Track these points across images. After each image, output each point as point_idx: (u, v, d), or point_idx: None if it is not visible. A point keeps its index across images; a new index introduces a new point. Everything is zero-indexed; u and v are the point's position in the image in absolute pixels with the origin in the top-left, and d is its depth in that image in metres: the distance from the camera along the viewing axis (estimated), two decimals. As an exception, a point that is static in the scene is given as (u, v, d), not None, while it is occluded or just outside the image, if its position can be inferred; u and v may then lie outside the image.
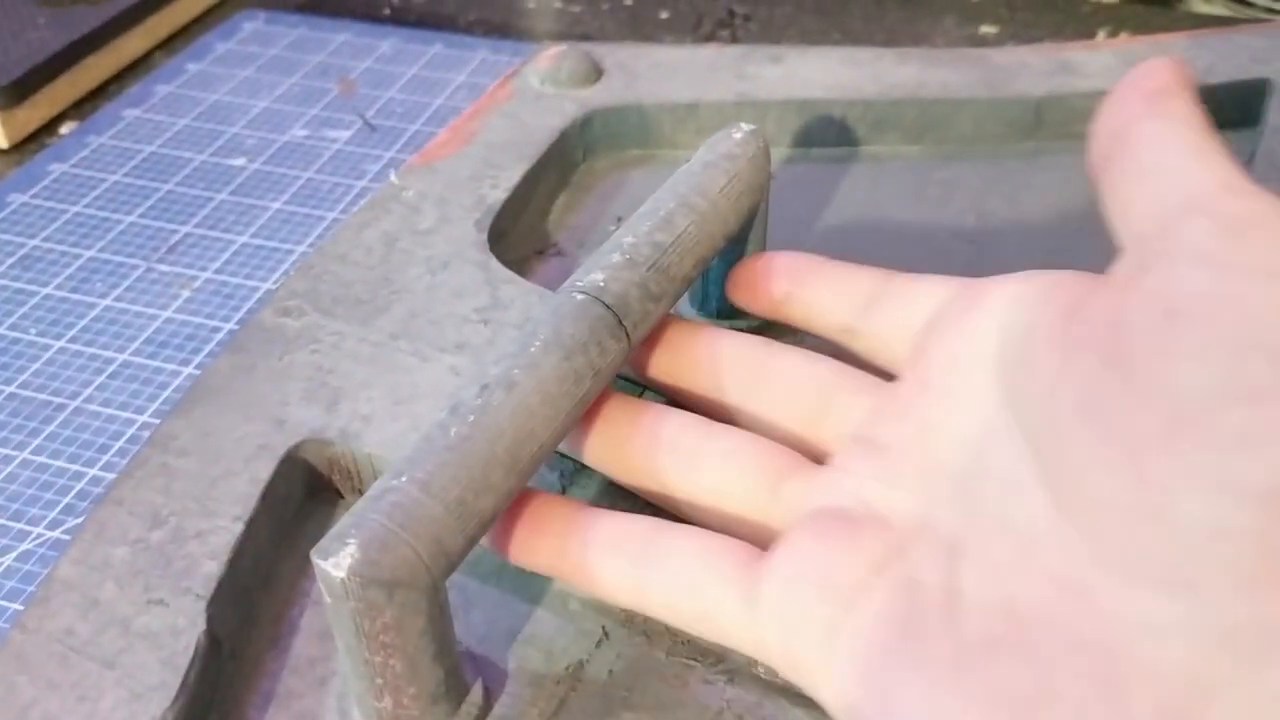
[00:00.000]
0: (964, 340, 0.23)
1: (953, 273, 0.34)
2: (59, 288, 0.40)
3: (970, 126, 0.38)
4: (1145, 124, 0.21)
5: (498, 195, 0.35)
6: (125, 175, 0.45)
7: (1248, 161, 0.36)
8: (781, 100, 0.38)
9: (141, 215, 0.43)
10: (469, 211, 0.34)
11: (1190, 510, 0.16)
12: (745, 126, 0.29)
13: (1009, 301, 0.23)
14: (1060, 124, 0.38)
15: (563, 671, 0.24)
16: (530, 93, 0.39)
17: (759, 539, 0.24)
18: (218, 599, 0.24)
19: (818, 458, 0.25)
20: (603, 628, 0.25)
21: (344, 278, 0.32)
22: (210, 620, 0.24)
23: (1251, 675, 0.16)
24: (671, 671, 0.24)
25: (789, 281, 0.28)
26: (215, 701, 0.24)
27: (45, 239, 0.42)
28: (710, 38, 0.53)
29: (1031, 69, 0.39)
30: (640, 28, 0.55)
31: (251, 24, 0.55)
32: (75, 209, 0.44)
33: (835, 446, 0.25)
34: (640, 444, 0.26)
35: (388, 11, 0.58)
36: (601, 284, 0.25)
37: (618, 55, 0.40)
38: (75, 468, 0.33)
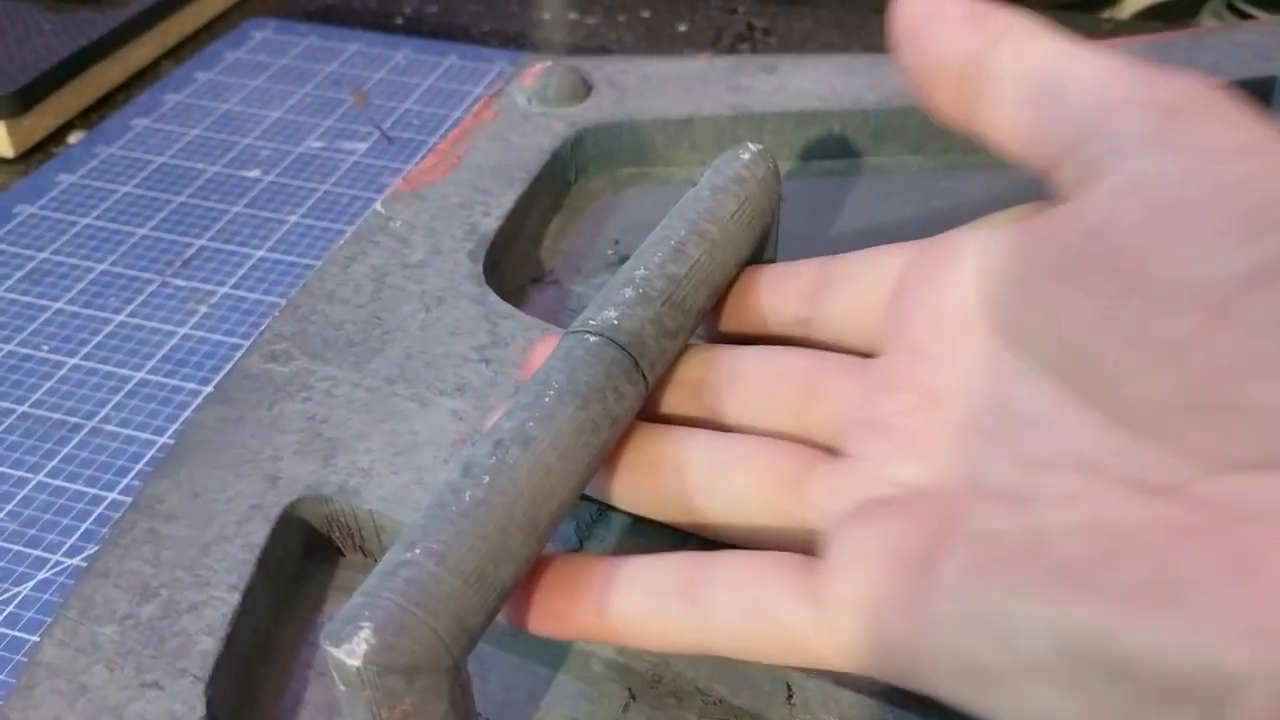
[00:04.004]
0: (941, 297, 0.22)
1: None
2: (71, 302, 0.38)
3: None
4: (998, 50, 0.21)
5: (490, 223, 0.33)
6: (136, 186, 0.44)
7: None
8: (778, 112, 0.37)
9: (154, 228, 0.41)
10: (461, 242, 0.32)
11: (1256, 393, 0.17)
12: (753, 146, 0.28)
13: (978, 247, 0.22)
14: (1066, 128, 0.37)
15: (589, 740, 0.23)
16: (517, 112, 0.37)
17: (794, 547, 0.22)
18: (216, 679, 0.23)
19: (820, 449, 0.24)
20: (628, 690, 0.24)
21: (333, 318, 0.30)
22: (209, 704, 0.22)
23: None
24: (705, 735, 0.23)
25: (731, 302, 0.27)
26: (218, 790, 0.22)
27: (55, 252, 0.40)
28: (730, 51, 0.52)
29: (1034, 72, 0.38)
30: (657, 41, 0.53)
31: (260, 32, 0.54)
32: (85, 221, 0.42)
33: (834, 434, 0.24)
34: (660, 475, 0.24)
35: (400, 21, 0.56)
36: (615, 323, 0.24)
37: (606, 70, 0.39)
38: (94, 491, 0.31)
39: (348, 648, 0.18)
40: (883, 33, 0.53)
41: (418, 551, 0.20)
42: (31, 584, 0.29)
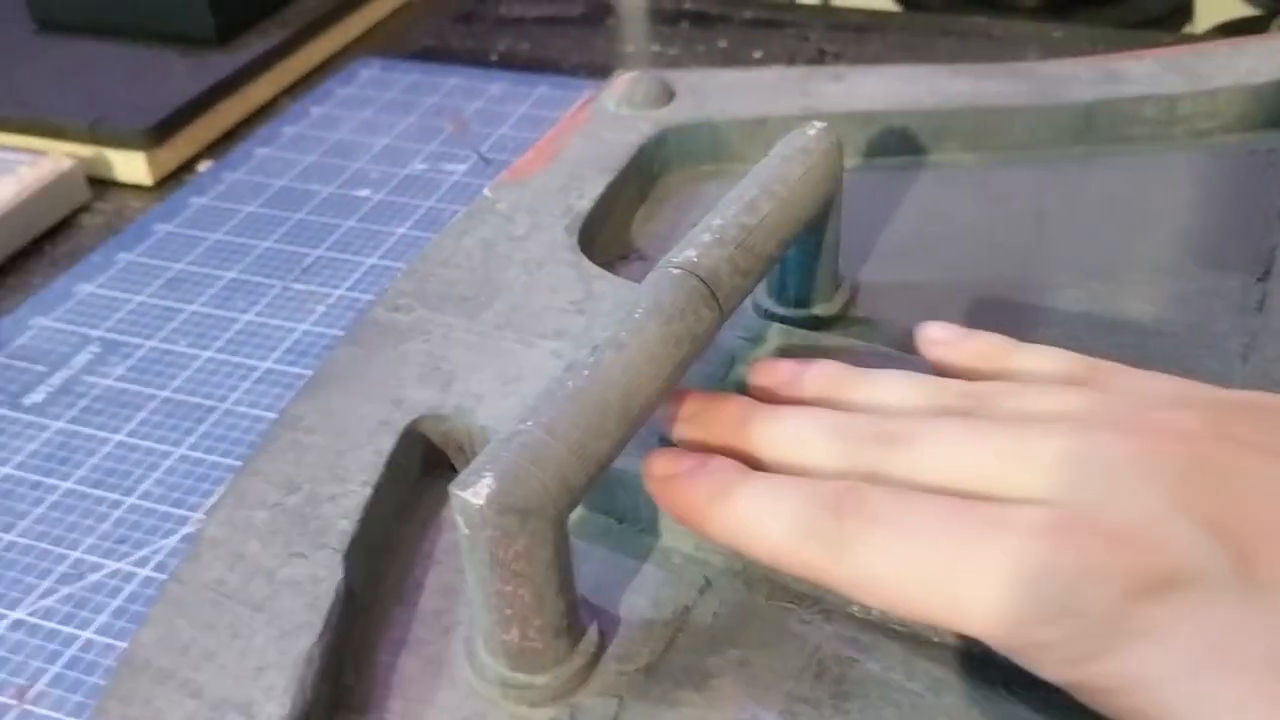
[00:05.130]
0: None
1: (1013, 267, 0.36)
2: (204, 305, 0.43)
3: (1024, 133, 0.41)
4: None
5: (584, 204, 0.37)
6: (259, 206, 0.49)
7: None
8: (845, 113, 0.40)
9: (276, 241, 0.46)
10: (558, 219, 0.36)
11: None
12: (817, 124, 0.32)
13: None
14: (1110, 128, 0.40)
15: (670, 616, 0.26)
16: (607, 115, 0.42)
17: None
18: (352, 552, 0.26)
19: None
20: (705, 578, 0.27)
21: (448, 278, 0.34)
22: (346, 570, 0.26)
23: None
24: (771, 614, 0.26)
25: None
26: (351, 646, 0.26)
27: (190, 263, 0.46)
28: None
29: (1080, 79, 0.41)
30: (735, 68, 0.58)
31: (368, 70, 0.59)
32: (215, 236, 0.47)
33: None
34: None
35: (495, 57, 0.61)
36: (695, 260, 0.28)
37: (688, 79, 0.43)
38: (228, 461, 0.36)
39: (473, 491, 0.22)
40: (948, 56, 0.57)
41: (530, 424, 0.23)
42: (177, 537, 0.33)
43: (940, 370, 0.28)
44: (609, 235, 0.38)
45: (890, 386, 0.26)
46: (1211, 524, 0.20)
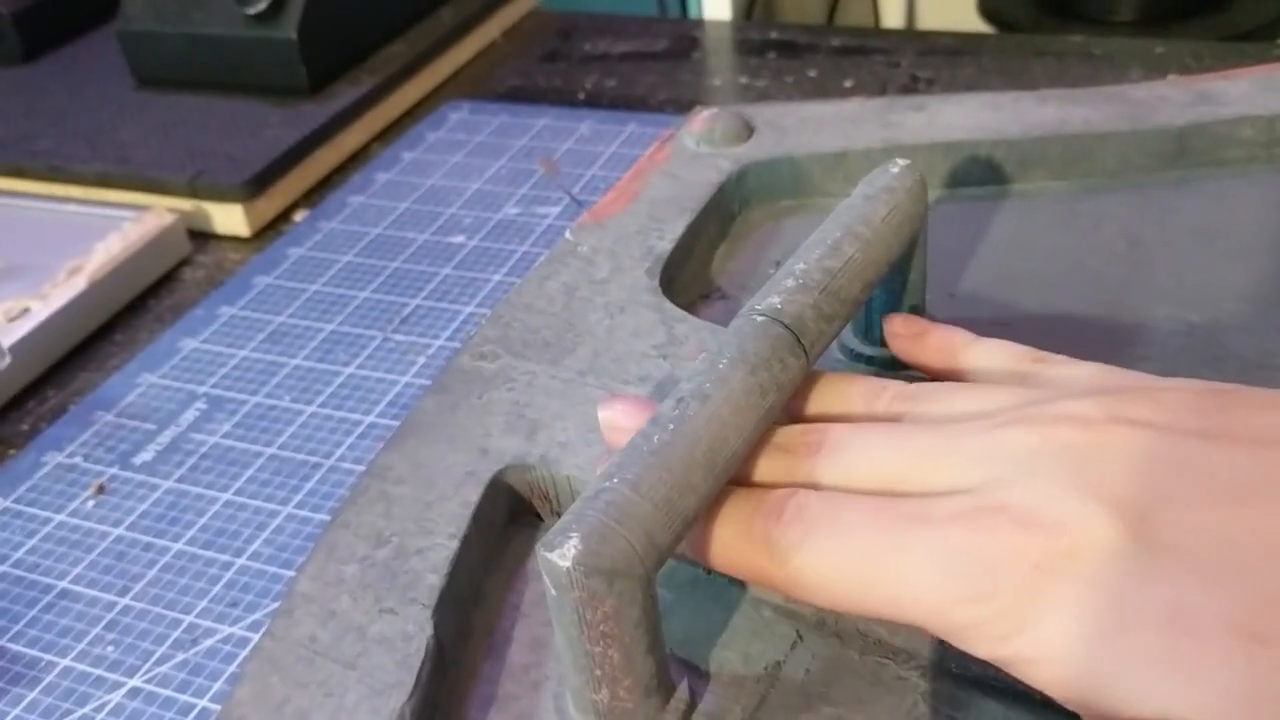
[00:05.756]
0: None
1: (1106, 298, 0.35)
2: (307, 358, 0.44)
3: (1114, 159, 0.39)
4: None
5: (664, 246, 0.37)
6: (356, 255, 0.50)
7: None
8: (927, 144, 0.40)
9: (374, 290, 0.47)
10: (639, 261, 0.36)
11: None
12: (900, 162, 0.31)
13: None
14: (1204, 151, 0.39)
15: (761, 671, 0.26)
16: (686, 153, 0.41)
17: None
18: (441, 607, 0.26)
19: None
20: (796, 631, 0.27)
21: (531, 324, 0.34)
22: (436, 626, 0.26)
23: None
24: (866, 669, 0.26)
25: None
26: (440, 702, 0.26)
27: (290, 315, 0.46)
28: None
29: (1171, 101, 0.40)
30: (826, 98, 0.57)
31: (457, 114, 0.60)
32: (314, 287, 0.48)
33: None
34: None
35: (582, 96, 0.62)
36: (779, 306, 0.27)
37: (767, 114, 0.43)
38: None
39: (559, 552, 0.22)
40: (1045, 78, 0.56)
41: (615, 481, 0.23)
42: (236, 682, 0.33)
43: (904, 361, 0.31)
44: (690, 275, 0.38)
45: (834, 392, 0.28)
46: (1105, 499, 0.21)
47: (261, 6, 0.58)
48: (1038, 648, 0.21)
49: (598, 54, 0.65)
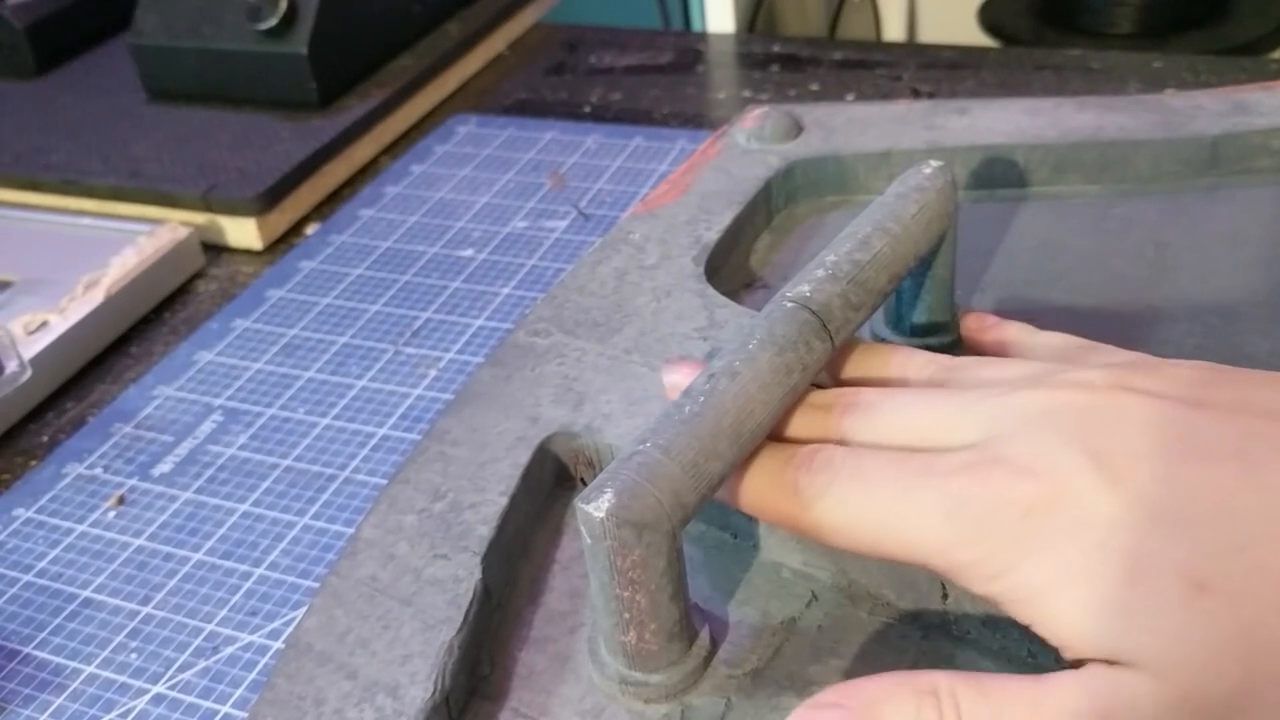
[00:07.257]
0: None
1: (1130, 299, 0.37)
2: (320, 371, 0.45)
3: (1148, 166, 0.41)
4: None
5: (711, 236, 0.39)
6: (367, 269, 0.50)
7: None
8: (967, 146, 0.42)
9: (385, 304, 0.48)
10: (687, 250, 0.39)
11: None
12: (933, 163, 0.33)
13: None
14: (1237, 160, 0.41)
15: (777, 625, 0.28)
16: (737, 149, 0.44)
17: None
18: (489, 556, 0.29)
19: None
20: (811, 591, 0.29)
21: (583, 305, 0.37)
22: (484, 572, 0.29)
23: None
24: (872, 627, 0.28)
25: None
26: (486, 640, 0.29)
27: (303, 328, 0.47)
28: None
29: (1207, 110, 0.41)
30: None
31: (464, 127, 0.61)
32: (326, 300, 0.49)
33: None
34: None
35: (588, 110, 0.63)
36: (808, 294, 0.30)
37: (815, 113, 0.45)
38: (350, 531, 0.37)
39: (595, 504, 0.25)
40: (1044, 90, 0.57)
41: (647, 445, 0.26)
42: (304, 610, 0.34)
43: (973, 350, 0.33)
44: (734, 265, 0.41)
45: (874, 359, 0.30)
46: (1092, 453, 0.23)
47: (273, 22, 0.58)
48: (1026, 587, 0.23)
49: (603, 67, 0.66)
